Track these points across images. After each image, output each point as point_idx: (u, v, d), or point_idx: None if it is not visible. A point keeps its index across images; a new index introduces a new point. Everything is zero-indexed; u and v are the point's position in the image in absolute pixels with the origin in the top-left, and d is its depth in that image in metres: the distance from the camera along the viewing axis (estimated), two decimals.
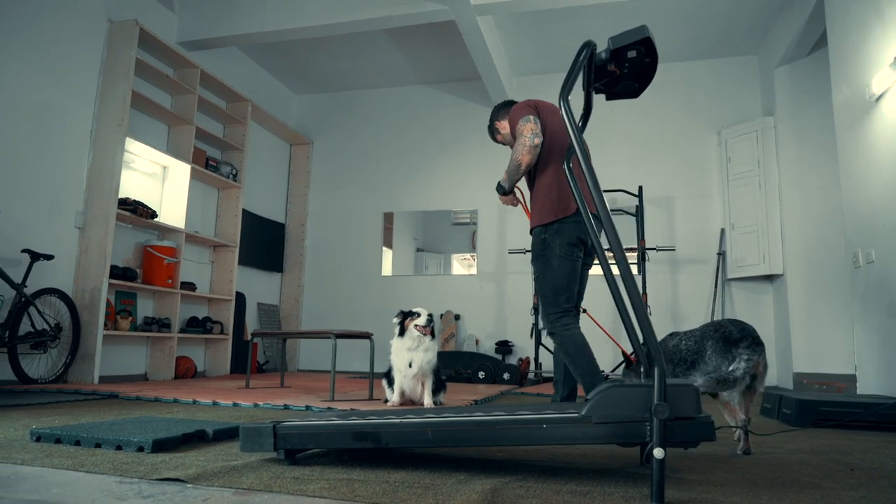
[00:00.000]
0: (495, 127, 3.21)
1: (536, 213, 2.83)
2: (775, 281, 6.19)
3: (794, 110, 5.97)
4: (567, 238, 2.73)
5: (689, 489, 1.52)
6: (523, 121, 2.77)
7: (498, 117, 3.18)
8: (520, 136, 2.76)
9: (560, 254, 2.73)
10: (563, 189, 2.76)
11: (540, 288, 2.81)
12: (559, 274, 2.73)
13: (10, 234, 4.31)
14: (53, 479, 1.51)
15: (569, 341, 2.70)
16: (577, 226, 2.74)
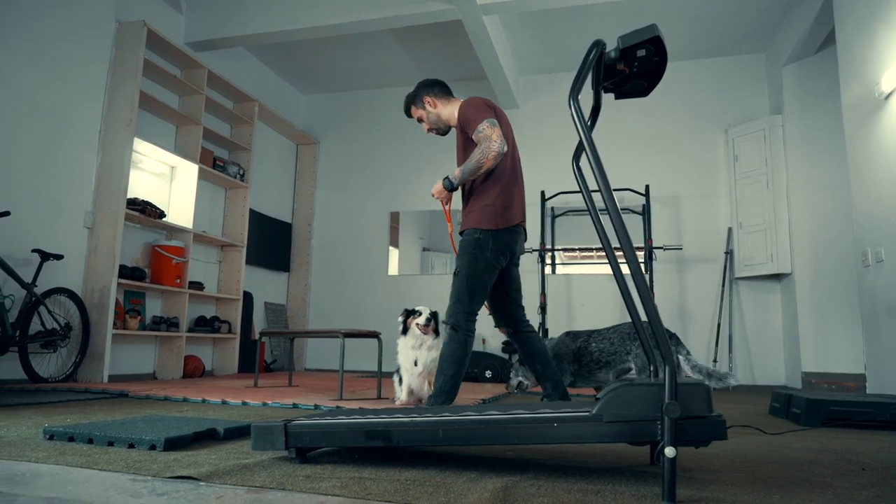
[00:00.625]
0: (424, 103, 3.01)
1: (476, 216, 2.81)
2: (783, 280, 6.17)
3: (801, 108, 5.95)
4: (499, 247, 2.78)
5: (700, 488, 1.52)
6: (489, 123, 2.73)
7: (431, 94, 3.01)
8: (488, 139, 2.70)
9: (490, 259, 2.76)
10: (508, 199, 2.81)
11: (459, 284, 2.78)
12: (482, 278, 2.77)
13: (21, 234, 4.34)
14: (68, 476, 1.52)
15: (465, 346, 2.73)
16: (512, 236, 2.80)
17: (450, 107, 2.98)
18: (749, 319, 6.35)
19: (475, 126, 2.74)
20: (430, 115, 3.00)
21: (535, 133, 7.29)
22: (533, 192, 7.05)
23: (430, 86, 3.01)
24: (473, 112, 2.78)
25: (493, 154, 2.69)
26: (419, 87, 3.03)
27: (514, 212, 2.83)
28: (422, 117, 3.02)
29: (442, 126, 3.02)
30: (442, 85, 3.02)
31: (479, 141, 2.73)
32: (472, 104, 2.83)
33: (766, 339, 6.26)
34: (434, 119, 3.00)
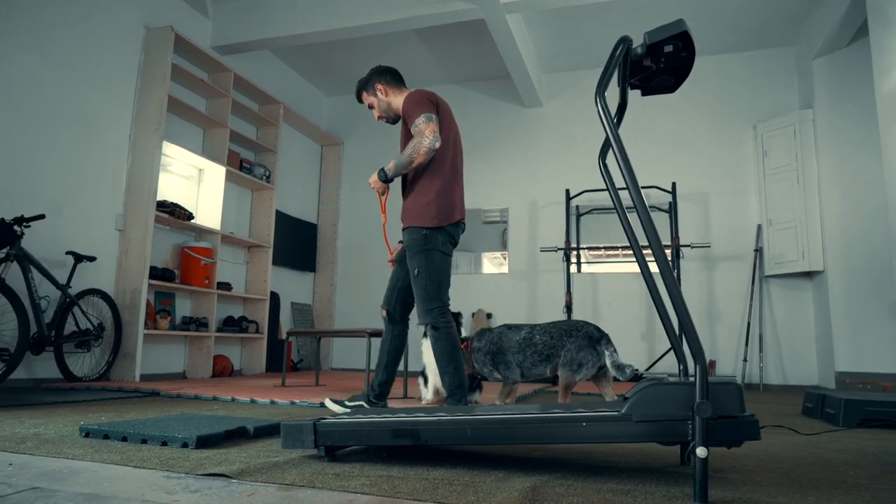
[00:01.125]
0: (376, 90, 3.02)
1: (419, 213, 2.81)
2: (815, 278, 6.04)
3: (833, 102, 5.82)
4: (446, 238, 2.83)
5: (732, 489, 1.49)
6: (426, 119, 2.74)
7: (384, 82, 3.02)
8: (421, 134, 2.72)
9: (442, 250, 2.80)
10: (452, 197, 2.85)
11: (422, 282, 2.78)
12: (442, 269, 2.80)
13: (55, 237, 4.44)
14: (104, 473, 1.55)
15: (450, 338, 2.75)
16: (455, 228, 2.86)
17: (400, 97, 2.99)
18: (780, 318, 6.23)
19: (413, 119, 2.77)
20: (380, 102, 3.01)
21: (558, 131, 7.26)
22: (557, 190, 7.02)
23: (383, 73, 3.03)
24: (414, 105, 2.80)
25: (423, 150, 2.72)
26: (372, 73, 3.04)
27: (456, 209, 2.88)
28: (372, 104, 3.03)
29: (392, 115, 3.04)
30: (394, 73, 3.05)
31: (414, 135, 2.77)
32: (414, 97, 2.85)
33: (798, 339, 6.14)
34: (385, 107, 3.02)
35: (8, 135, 4.17)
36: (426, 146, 2.71)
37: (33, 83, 4.35)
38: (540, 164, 7.26)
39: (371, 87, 3.02)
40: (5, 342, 3.95)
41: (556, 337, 2.88)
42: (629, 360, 6.53)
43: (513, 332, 2.96)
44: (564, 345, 2.86)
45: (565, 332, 2.88)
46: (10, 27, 4.20)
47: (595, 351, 2.84)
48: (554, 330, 2.89)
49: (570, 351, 2.84)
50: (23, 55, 4.28)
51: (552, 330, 2.89)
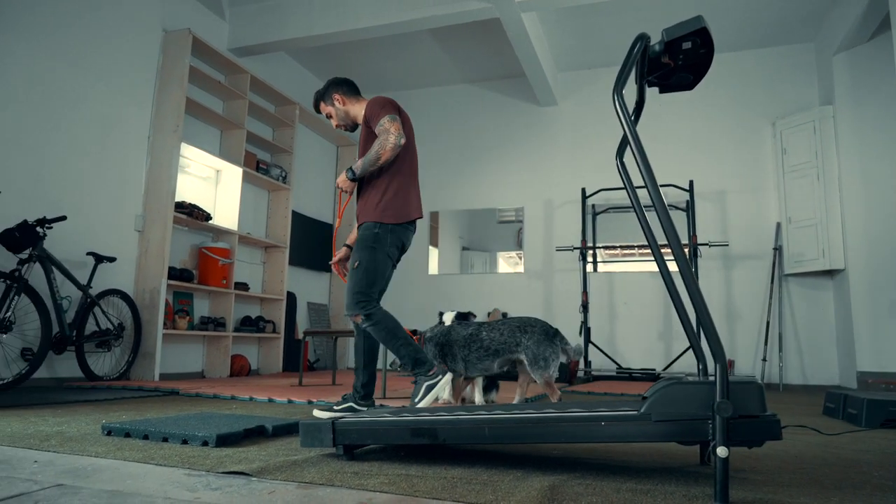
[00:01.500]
0: (333, 100, 3.09)
1: (378, 209, 2.88)
2: (836, 276, 5.96)
3: (854, 98, 5.74)
4: (396, 242, 2.90)
5: (754, 489, 1.48)
6: (391, 118, 2.85)
7: (340, 92, 3.10)
8: (386, 132, 2.82)
9: (388, 252, 2.88)
10: (409, 197, 2.94)
11: (359, 275, 2.83)
12: (381, 269, 2.87)
13: (76, 238, 4.51)
14: (126, 470, 1.57)
15: (387, 318, 2.82)
16: (405, 232, 2.93)
17: (357, 105, 3.10)
18: (800, 317, 6.16)
19: (378, 120, 2.87)
20: (338, 111, 3.10)
21: (574, 130, 7.23)
22: (573, 189, 6.99)
23: (340, 84, 3.12)
24: (378, 108, 2.91)
25: (390, 146, 2.81)
26: (329, 84, 3.12)
27: (412, 207, 2.96)
28: (330, 113, 3.12)
29: (350, 122, 3.14)
30: (351, 84, 3.14)
31: (378, 134, 2.86)
32: (378, 101, 2.95)
33: (819, 338, 6.07)
34: (342, 115, 3.11)
35: (29, 137, 4.24)
36: (392, 142, 2.81)
37: (53, 86, 4.42)
38: (555, 163, 7.24)
39: (329, 97, 3.10)
40: (28, 342, 4.01)
41: (505, 333, 2.92)
42: (648, 359, 6.50)
43: (462, 327, 3.03)
44: (520, 342, 2.90)
45: (518, 329, 2.93)
46: (29, 31, 4.26)
47: (554, 345, 2.93)
48: (504, 327, 2.94)
49: (531, 348, 2.89)
50: (43, 59, 4.35)
51: (502, 327, 2.94)
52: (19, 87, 4.18)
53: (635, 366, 6.52)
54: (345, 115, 3.11)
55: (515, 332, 2.92)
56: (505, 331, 2.93)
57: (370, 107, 2.95)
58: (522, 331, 2.92)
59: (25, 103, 4.22)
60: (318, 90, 3.15)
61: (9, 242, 3.79)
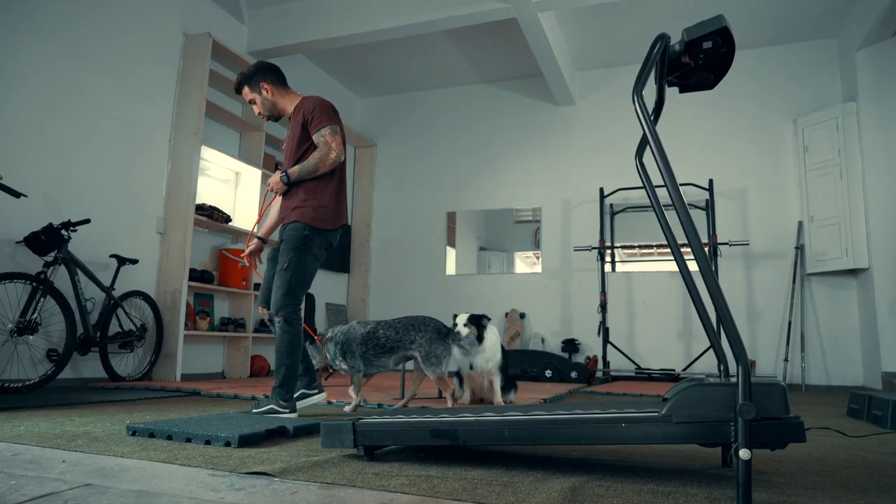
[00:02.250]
0: (261, 88, 2.97)
1: (306, 212, 2.82)
2: (860, 275, 5.87)
3: (878, 94, 5.65)
4: (324, 243, 2.90)
5: (777, 492, 1.47)
6: (332, 131, 2.83)
7: (269, 81, 2.98)
8: (328, 146, 2.81)
9: (316, 255, 2.87)
10: (341, 203, 2.96)
11: (288, 276, 2.80)
12: (309, 271, 2.86)
13: (100, 241, 4.58)
14: (152, 471, 1.60)
15: (297, 335, 2.81)
16: (335, 234, 2.95)
17: (286, 98, 3.00)
18: (823, 317, 6.07)
19: (319, 127, 2.83)
20: (264, 101, 2.99)
21: (591, 129, 7.19)
22: (591, 189, 6.96)
23: (268, 72, 3.00)
24: (321, 112, 2.86)
25: (330, 161, 2.82)
26: (257, 70, 3.00)
27: (343, 215, 2.98)
28: (255, 100, 3.01)
29: (276, 113, 3.04)
30: (279, 73, 3.04)
31: (318, 144, 2.83)
32: (320, 104, 2.89)
33: (842, 338, 5.98)
34: (269, 106, 3.01)
35: (54, 142, 4.31)
36: (332, 159, 2.82)
37: (77, 91, 4.49)
38: (573, 162, 7.21)
39: (255, 84, 2.98)
40: (54, 343, 4.09)
41: (400, 331, 3.04)
42: (667, 359, 6.45)
43: (360, 326, 3.12)
44: (414, 339, 3.02)
45: (412, 327, 3.05)
46: (52, 38, 4.34)
47: (445, 343, 3.05)
48: (398, 325, 3.06)
49: (423, 346, 3.01)
50: (66, 64, 4.43)
51: (397, 325, 3.06)
52: (43, 92, 4.26)
53: (654, 366, 6.47)
54: (271, 107, 3.00)
55: (410, 331, 3.05)
56: (400, 329, 3.05)
57: (312, 108, 2.86)
58: (416, 329, 3.05)
59: (49, 108, 4.30)
60: (244, 72, 3.00)
61: (34, 245, 3.86)
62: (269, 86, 2.98)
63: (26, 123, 4.14)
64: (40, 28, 4.25)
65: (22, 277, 3.72)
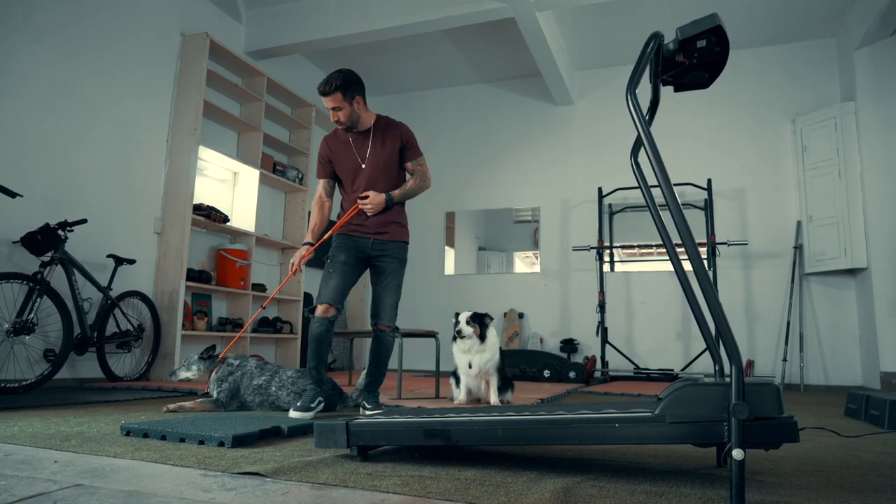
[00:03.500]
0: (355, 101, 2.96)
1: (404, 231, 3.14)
2: (858, 275, 5.86)
3: (877, 94, 5.64)
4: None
5: (770, 492, 1.46)
6: (424, 159, 3.15)
7: (363, 95, 3.01)
8: (425, 175, 3.11)
9: None
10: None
11: (399, 291, 3.09)
12: None
13: (97, 241, 4.57)
14: (144, 471, 1.59)
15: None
16: None
17: (368, 113, 3.07)
18: (821, 317, 6.06)
19: (417, 155, 3.12)
20: (353, 113, 2.98)
21: (590, 129, 7.19)
22: (589, 188, 6.96)
23: (362, 86, 3.02)
24: (416, 142, 3.13)
25: (425, 188, 3.13)
26: (354, 80, 2.97)
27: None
28: (342, 108, 2.95)
29: (354, 125, 3.04)
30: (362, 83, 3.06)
31: (416, 171, 3.10)
32: (412, 135, 3.12)
33: (840, 338, 5.97)
34: (355, 118, 3.01)
35: (51, 142, 4.31)
36: (427, 186, 3.12)
37: (74, 91, 4.49)
38: (572, 162, 7.21)
39: (351, 94, 2.95)
40: (50, 343, 4.08)
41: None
42: (665, 359, 6.44)
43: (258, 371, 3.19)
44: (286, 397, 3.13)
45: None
46: (51, 37, 4.34)
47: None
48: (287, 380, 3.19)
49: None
50: (63, 64, 4.42)
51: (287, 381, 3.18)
52: (40, 92, 4.25)
53: (653, 366, 6.46)
54: (357, 119, 3.03)
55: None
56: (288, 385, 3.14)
57: (410, 135, 3.09)
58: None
59: (47, 108, 4.29)
60: (337, 78, 2.91)
61: (31, 245, 3.86)
62: (363, 99, 3.03)
63: (23, 123, 4.13)
64: (38, 28, 4.24)
65: (18, 277, 3.71)
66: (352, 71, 3.02)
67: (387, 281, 3.03)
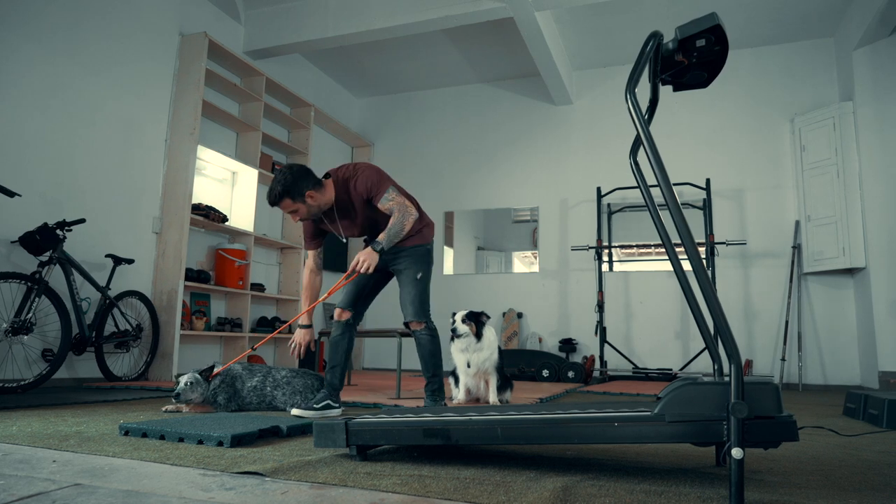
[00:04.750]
0: (306, 197, 2.83)
1: (421, 235, 3.09)
2: (857, 274, 5.87)
3: (875, 94, 5.65)
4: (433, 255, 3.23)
5: (770, 491, 1.46)
6: (395, 191, 2.92)
7: (312, 187, 2.83)
8: (402, 206, 2.89)
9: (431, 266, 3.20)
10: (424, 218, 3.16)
11: (421, 287, 3.05)
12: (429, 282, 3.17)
13: (95, 240, 4.57)
14: (143, 470, 1.59)
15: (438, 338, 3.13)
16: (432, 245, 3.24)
17: (325, 190, 2.90)
18: (820, 316, 6.07)
19: (382, 194, 2.88)
20: (310, 206, 2.86)
21: (589, 128, 7.19)
22: (588, 188, 6.96)
23: (307, 177, 2.84)
24: (377, 181, 2.91)
25: (410, 219, 2.91)
26: (297, 180, 2.80)
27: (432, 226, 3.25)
28: (298, 209, 2.86)
29: (320, 212, 2.94)
30: (312, 173, 2.89)
31: (390, 209, 2.88)
32: (372, 173, 2.92)
33: (839, 337, 5.98)
34: (315, 209, 2.89)
35: (49, 142, 4.30)
36: (413, 215, 2.91)
37: (73, 91, 4.48)
38: (570, 162, 7.21)
39: (299, 194, 2.81)
40: (49, 343, 4.08)
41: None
42: (664, 359, 6.45)
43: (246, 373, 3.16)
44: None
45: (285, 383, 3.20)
46: (49, 36, 4.33)
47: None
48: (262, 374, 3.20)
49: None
50: (62, 63, 4.42)
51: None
52: (39, 91, 4.25)
53: (652, 366, 6.47)
54: (318, 208, 2.89)
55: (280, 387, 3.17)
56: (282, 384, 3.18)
57: (367, 185, 2.87)
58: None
59: (45, 108, 4.28)
60: (279, 186, 2.79)
61: (29, 245, 3.85)
62: (314, 191, 2.84)
63: (22, 123, 4.12)
64: (37, 28, 4.24)
65: (17, 277, 3.70)
66: (290, 168, 2.85)
67: (402, 277, 3.04)
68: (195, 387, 2.90)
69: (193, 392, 2.90)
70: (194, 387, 2.90)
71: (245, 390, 3.07)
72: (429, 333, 3.07)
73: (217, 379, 3.02)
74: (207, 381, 2.97)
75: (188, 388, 2.88)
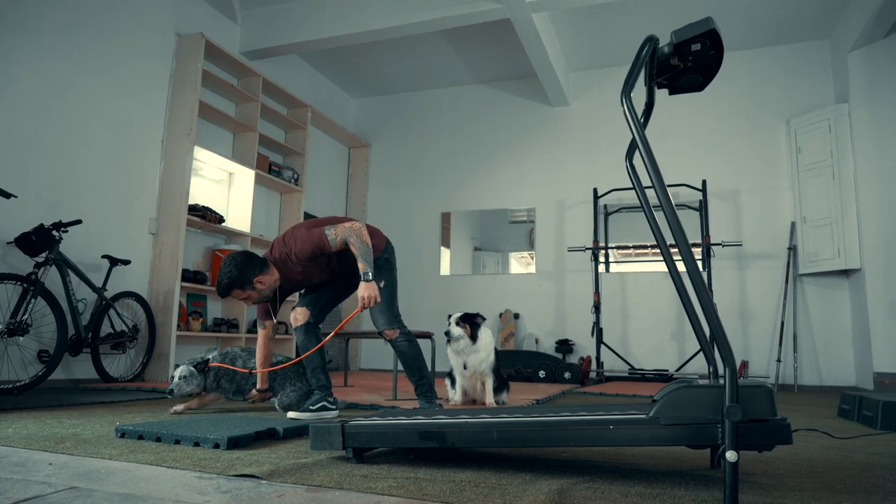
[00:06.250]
0: (255, 283, 2.84)
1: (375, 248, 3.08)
2: (852, 276, 5.89)
3: (870, 96, 5.67)
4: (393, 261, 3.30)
5: (763, 493, 1.47)
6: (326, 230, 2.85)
7: (259, 272, 2.85)
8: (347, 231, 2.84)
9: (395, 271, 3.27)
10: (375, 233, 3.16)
11: (385, 294, 3.04)
12: (396, 287, 3.22)
13: (92, 241, 4.56)
14: (139, 473, 1.59)
15: (416, 341, 3.18)
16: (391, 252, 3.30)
17: (270, 272, 2.91)
18: (815, 318, 6.09)
19: (324, 242, 2.85)
20: (261, 291, 2.88)
21: (586, 130, 7.20)
22: (585, 189, 6.97)
23: (252, 264, 2.85)
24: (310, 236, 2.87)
25: (363, 231, 2.88)
26: (243, 269, 2.81)
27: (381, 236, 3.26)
28: (250, 295, 2.87)
29: (269, 295, 2.96)
30: (258, 259, 2.90)
31: (339, 243, 2.85)
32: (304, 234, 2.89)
33: (834, 338, 6.00)
34: (267, 292, 2.91)
35: (45, 142, 4.29)
36: (359, 226, 2.88)
37: (69, 91, 4.47)
38: (567, 163, 7.22)
39: (248, 282, 2.82)
40: (45, 344, 4.07)
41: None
42: (660, 360, 6.46)
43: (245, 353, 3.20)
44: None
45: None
46: (45, 37, 4.32)
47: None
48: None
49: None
50: (59, 64, 4.41)
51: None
52: (34, 92, 4.24)
53: (648, 366, 6.48)
54: (269, 290, 2.92)
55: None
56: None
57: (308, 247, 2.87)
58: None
59: (41, 108, 4.28)
60: (225, 279, 2.80)
61: (25, 246, 3.85)
62: (261, 276, 2.85)
63: (18, 123, 4.12)
64: (33, 28, 4.23)
65: (12, 278, 3.70)
66: (232, 259, 2.84)
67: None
68: (189, 380, 2.93)
69: (189, 385, 2.92)
70: (189, 380, 2.93)
71: (240, 375, 3.09)
72: (405, 339, 3.08)
73: (213, 369, 3.03)
74: (203, 372, 2.98)
75: (182, 383, 2.91)
